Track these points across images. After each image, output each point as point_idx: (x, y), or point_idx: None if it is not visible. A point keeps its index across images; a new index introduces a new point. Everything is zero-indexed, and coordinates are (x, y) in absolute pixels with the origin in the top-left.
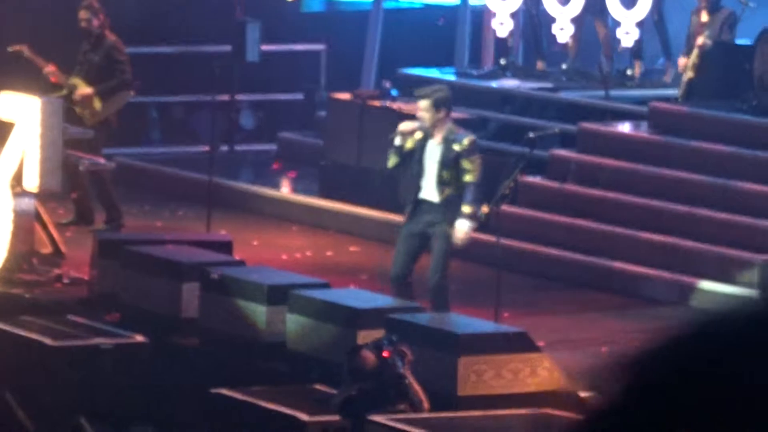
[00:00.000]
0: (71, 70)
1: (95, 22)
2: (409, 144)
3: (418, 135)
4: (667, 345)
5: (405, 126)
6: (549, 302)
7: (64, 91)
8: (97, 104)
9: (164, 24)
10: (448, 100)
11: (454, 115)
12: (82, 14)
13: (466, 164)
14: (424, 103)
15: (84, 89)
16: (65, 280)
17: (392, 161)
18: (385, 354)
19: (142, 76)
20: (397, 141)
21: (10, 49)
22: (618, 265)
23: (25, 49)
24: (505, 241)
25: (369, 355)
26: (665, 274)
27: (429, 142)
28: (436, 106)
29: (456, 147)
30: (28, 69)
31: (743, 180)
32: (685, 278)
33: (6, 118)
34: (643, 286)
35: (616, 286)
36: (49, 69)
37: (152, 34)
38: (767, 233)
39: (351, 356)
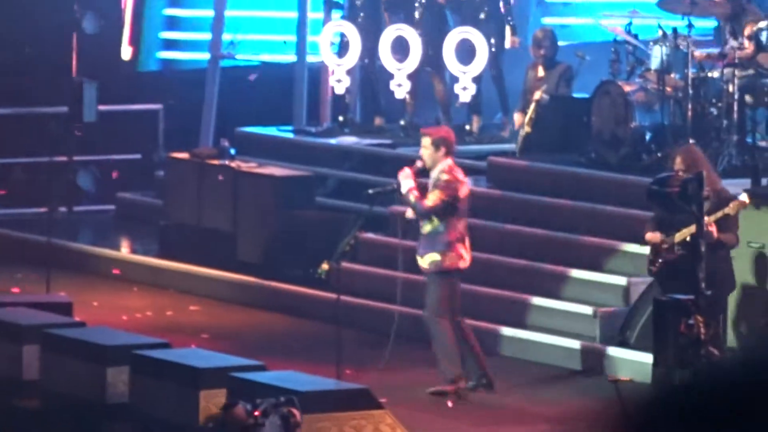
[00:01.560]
0: None
1: None
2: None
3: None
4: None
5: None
6: (391, 358)
7: None
8: None
9: (0, 85)
10: (447, 140)
11: (294, 171)
12: None
13: (431, 192)
14: (425, 141)
15: None
16: None
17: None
18: (256, 413)
19: None
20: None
21: None
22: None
23: None
24: (346, 298)
25: (240, 412)
26: (505, 329)
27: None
28: (436, 144)
29: (432, 181)
30: None
31: (581, 233)
32: (525, 332)
33: None
34: (485, 340)
35: None
36: None
37: None
38: (606, 287)
39: (225, 410)
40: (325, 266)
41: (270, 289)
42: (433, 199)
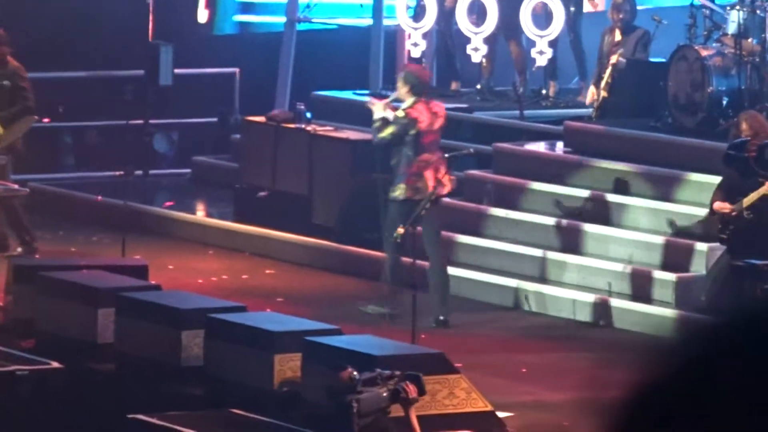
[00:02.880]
0: None
1: (4, 48)
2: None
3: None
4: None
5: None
6: (466, 323)
7: None
8: (1, 130)
9: (77, 48)
10: (415, 77)
11: (370, 136)
12: (1, 37)
13: None
14: (399, 76)
15: None
16: None
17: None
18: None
19: (55, 102)
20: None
21: None
22: (534, 285)
23: None
24: (421, 262)
25: (344, 376)
26: (584, 295)
27: None
28: (403, 80)
29: None
30: None
31: (658, 199)
32: (599, 297)
33: None
34: (559, 306)
35: (532, 306)
36: None
37: (65, 59)
38: (681, 251)
39: (332, 374)
40: (400, 230)
41: (345, 253)
42: (384, 131)
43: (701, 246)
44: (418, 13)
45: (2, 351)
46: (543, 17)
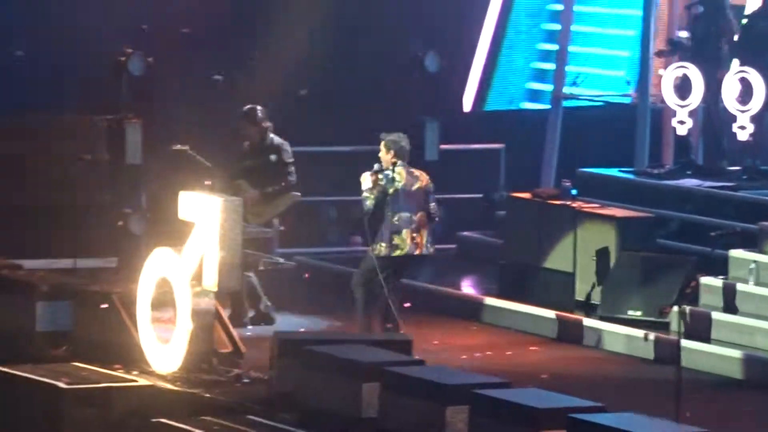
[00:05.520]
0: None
1: (264, 124)
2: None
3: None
4: None
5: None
6: (733, 403)
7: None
8: (262, 207)
9: (344, 122)
10: (396, 144)
11: (635, 213)
12: (261, 114)
13: None
14: (381, 144)
15: (251, 192)
16: (245, 380)
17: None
18: None
19: (320, 176)
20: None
21: (173, 147)
22: None
23: (188, 149)
24: (686, 342)
25: None
26: None
27: None
28: (387, 147)
29: None
30: (189, 167)
31: None
32: None
33: (186, 218)
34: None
35: None
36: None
37: (332, 133)
38: None
39: None
40: (666, 309)
41: (608, 330)
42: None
43: None
44: (685, 90)
45: (266, 424)
46: None
